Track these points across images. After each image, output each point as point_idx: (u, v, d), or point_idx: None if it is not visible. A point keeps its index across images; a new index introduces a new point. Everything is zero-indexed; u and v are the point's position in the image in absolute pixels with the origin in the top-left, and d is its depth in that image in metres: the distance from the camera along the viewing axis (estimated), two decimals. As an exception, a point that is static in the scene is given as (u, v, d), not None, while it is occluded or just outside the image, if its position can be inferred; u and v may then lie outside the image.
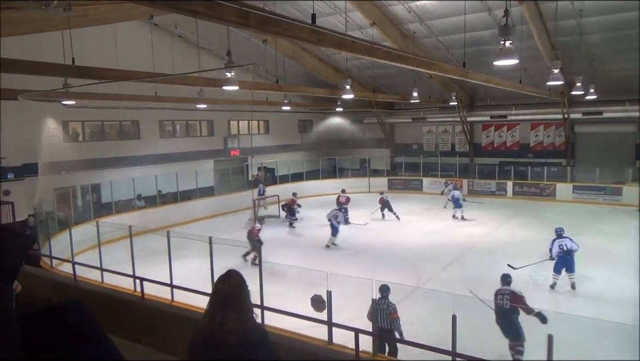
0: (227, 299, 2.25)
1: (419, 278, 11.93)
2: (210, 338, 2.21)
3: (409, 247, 14.96)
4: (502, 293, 7.66)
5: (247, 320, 2.25)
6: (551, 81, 12.95)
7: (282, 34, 6.10)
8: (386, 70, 20.99)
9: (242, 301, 2.28)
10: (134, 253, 9.85)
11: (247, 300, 2.31)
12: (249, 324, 2.25)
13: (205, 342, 2.23)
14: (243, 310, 2.26)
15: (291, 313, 6.80)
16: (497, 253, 14.09)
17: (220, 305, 2.25)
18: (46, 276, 9.64)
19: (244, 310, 2.27)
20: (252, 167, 24.75)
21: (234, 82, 11.93)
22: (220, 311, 2.22)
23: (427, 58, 12.30)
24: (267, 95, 20.09)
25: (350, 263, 13.04)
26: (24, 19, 6.54)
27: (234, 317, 2.20)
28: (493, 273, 12.11)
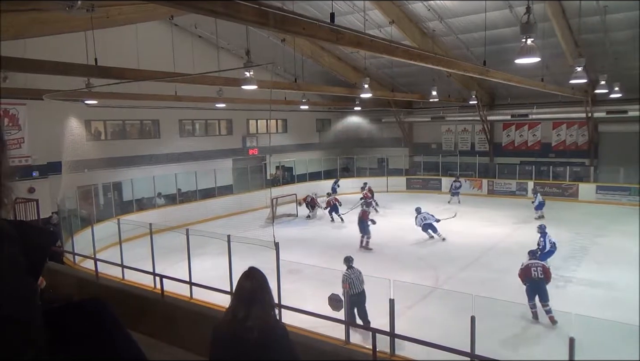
0: (250, 296, 2.29)
1: (437, 279, 11.83)
2: (231, 333, 2.24)
3: (427, 247, 14.84)
4: (535, 266, 9.02)
5: (268, 317, 2.28)
6: (574, 79, 12.71)
7: (301, 33, 6.10)
8: (405, 69, 20.85)
9: (265, 299, 2.32)
10: (154, 250, 10.00)
11: (269, 298, 2.35)
12: (270, 321, 2.28)
13: (226, 338, 2.26)
14: (265, 307, 2.29)
15: (308, 311, 6.81)
16: (518, 254, 13.86)
17: (243, 301, 2.29)
18: (69, 273, 9.83)
19: (266, 307, 2.30)
20: (270, 166, 24.87)
21: (252, 81, 11.99)
22: (243, 307, 2.26)
23: (447, 56, 12.18)
24: (285, 94, 20.14)
25: (368, 262, 12.98)
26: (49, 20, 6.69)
27: (256, 313, 2.23)
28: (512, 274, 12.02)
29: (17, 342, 0.64)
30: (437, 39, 18.18)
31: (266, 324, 2.24)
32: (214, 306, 7.66)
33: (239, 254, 9.88)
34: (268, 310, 2.31)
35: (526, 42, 7.52)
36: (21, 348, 0.65)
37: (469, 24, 16.96)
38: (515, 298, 8.85)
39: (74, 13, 5.19)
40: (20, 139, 15.40)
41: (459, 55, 17.56)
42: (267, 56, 15.95)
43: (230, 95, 18.59)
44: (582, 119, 22.88)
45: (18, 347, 0.64)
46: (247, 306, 2.25)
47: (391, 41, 8.75)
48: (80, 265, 11.42)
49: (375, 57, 18.36)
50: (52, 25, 7.86)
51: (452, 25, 17.44)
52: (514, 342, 8.09)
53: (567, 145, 24.54)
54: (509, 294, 9.48)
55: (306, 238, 16.49)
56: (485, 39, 13.73)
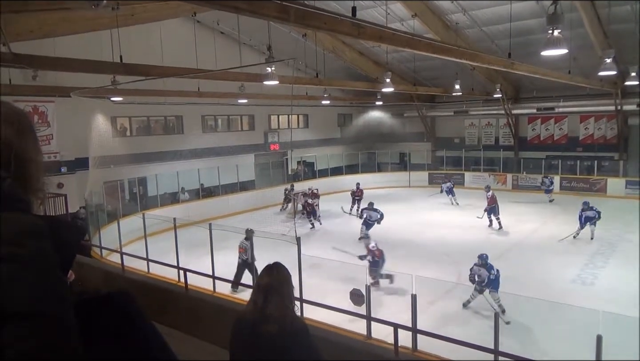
0: (270, 288, 2.32)
1: (460, 274, 11.71)
2: (252, 325, 2.27)
3: (450, 242, 14.70)
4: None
5: (287, 310, 2.31)
6: (603, 71, 12.38)
7: (322, 28, 6.09)
8: (427, 62, 20.61)
9: (285, 293, 2.34)
10: (177, 244, 10.16)
11: (289, 293, 2.37)
12: (289, 314, 2.30)
13: (247, 329, 2.30)
14: (284, 300, 2.32)
15: (330, 306, 6.83)
16: (544, 250, 13.65)
17: (264, 293, 2.32)
18: (96, 266, 10.07)
19: (285, 300, 2.32)
20: (292, 161, 24.93)
21: (274, 77, 12.03)
22: (262, 298, 2.29)
23: (471, 49, 11.98)
24: (306, 89, 20.14)
25: (390, 257, 12.94)
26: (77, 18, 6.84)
27: (275, 305, 2.26)
28: (538, 270, 11.83)
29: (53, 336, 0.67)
30: (460, 32, 17.90)
31: (285, 316, 2.27)
32: (236, 299, 7.76)
33: (261, 249, 9.97)
34: (287, 303, 2.34)
35: (553, 33, 7.34)
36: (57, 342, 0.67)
37: (494, 16, 16.65)
38: (541, 294, 8.70)
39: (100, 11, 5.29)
40: (49, 135, 15.80)
41: (483, 48, 17.25)
42: (289, 51, 15.94)
43: (252, 91, 18.68)
44: (611, 112, 22.24)
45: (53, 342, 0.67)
46: (266, 297, 2.28)
47: (413, 35, 8.67)
48: (107, 258, 11.69)
49: (397, 51, 18.22)
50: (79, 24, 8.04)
51: (476, 17, 17.15)
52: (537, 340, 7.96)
53: (595, 139, 23.89)
54: (535, 291, 9.33)
55: (327, 232, 16.51)
56: (510, 31, 13.46)
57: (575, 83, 16.46)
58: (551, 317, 8.45)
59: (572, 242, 14.31)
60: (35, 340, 0.64)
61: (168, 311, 6.59)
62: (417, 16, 16.34)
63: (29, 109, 14.87)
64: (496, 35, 17.90)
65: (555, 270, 11.78)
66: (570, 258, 12.70)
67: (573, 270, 11.74)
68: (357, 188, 19.95)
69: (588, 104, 22.51)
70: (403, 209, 20.07)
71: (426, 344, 6.12)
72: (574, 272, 11.62)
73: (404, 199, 22.50)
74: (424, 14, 16.72)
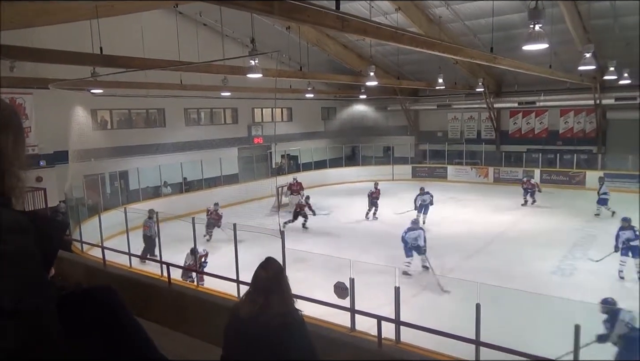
0: (269, 284, 2.31)
1: (442, 267, 11.85)
2: (249, 321, 2.26)
3: (432, 235, 14.81)
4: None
5: (288, 305, 2.31)
6: (583, 66, 12.55)
7: (307, 21, 6.06)
8: (411, 56, 20.67)
9: (284, 287, 2.34)
10: (160, 238, 10.07)
11: (287, 286, 2.37)
12: (289, 308, 2.31)
13: (244, 325, 2.29)
14: (284, 294, 2.32)
15: (314, 299, 6.86)
16: (525, 242, 13.88)
17: (262, 289, 2.31)
18: (77, 261, 9.93)
19: (285, 295, 2.33)
20: (276, 154, 24.85)
21: (257, 69, 11.94)
22: (262, 295, 2.28)
23: (454, 43, 12.06)
24: (290, 82, 20.06)
25: (374, 250, 13.04)
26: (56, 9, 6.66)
27: (276, 301, 2.25)
28: (518, 262, 12.04)
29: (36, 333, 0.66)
30: (443, 26, 17.99)
31: (287, 311, 2.28)
32: (220, 294, 7.74)
33: (245, 243, 9.95)
34: (287, 298, 2.34)
35: (534, 28, 7.42)
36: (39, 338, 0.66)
37: (476, 10, 16.76)
38: (521, 286, 8.86)
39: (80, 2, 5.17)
40: (27, 128, 15.46)
41: (465, 42, 17.39)
42: (272, 44, 15.85)
43: (235, 84, 18.55)
44: (590, 106, 22.65)
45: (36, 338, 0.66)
46: (265, 294, 2.28)
47: (397, 28, 8.68)
48: (88, 253, 11.54)
49: (381, 44, 18.23)
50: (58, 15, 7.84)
51: (459, 11, 17.25)
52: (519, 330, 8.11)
53: (574, 132, 24.33)
54: (515, 282, 9.50)
55: (311, 226, 16.53)
56: (492, 25, 13.57)
57: (556, 77, 16.71)
58: (531, 308, 8.61)
59: (551, 234, 14.57)
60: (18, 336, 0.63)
61: (151, 306, 6.54)
62: (401, 10, 16.37)
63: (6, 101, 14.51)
64: (479, 30, 18.03)
65: (535, 262, 12.00)
66: (550, 250, 12.94)
67: (553, 262, 11.98)
68: (375, 188, 18.11)
69: (568, 98, 22.89)
70: (387, 202, 20.17)
71: (409, 335, 6.19)
72: (553, 263, 11.85)
73: (387, 192, 22.59)
74: (408, 7, 16.76)
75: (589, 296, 8.11)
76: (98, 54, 9.72)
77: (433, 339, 5.89)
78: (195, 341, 5.14)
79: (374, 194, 17.82)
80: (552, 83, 19.83)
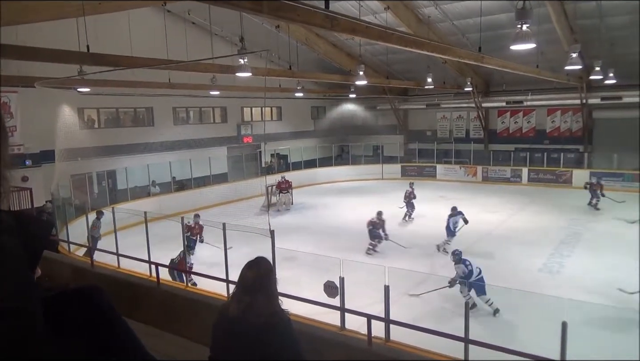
0: (255, 284, 2.30)
1: (432, 265, 11.92)
2: (236, 320, 2.25)
3: (422, 234, 14.92)
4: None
5: (273, 305, 2.30)
6: (569, 66, 12.69)
7: (296, 20, 6.05)
8: (400, 55, 20.75)
9: (270, 287, 2.33)
10: (149, 238, 9.99)
11: (274, 286, 2.36)
12: (275, 309, 2.30)
13: (231, 324, 2.28)
14: (270, 295, 2.31)
15: (304, 298, 6.85)
16: (513, 240, 14.01)
17: (248, 289, 2.30)
18: (64, 261, 9.82)
19: (271, 295, 2.31)
20: (265, 154, 24.81)
21: (247, 68, 11.91)
22: (248, 295, 2.27)
23: (442, 43, 12.13)
24: (280, 81, 20.02)
25: (363, 249, 13.07)
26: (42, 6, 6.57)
27: (261, 301, 2.24)
28: (507, 260, 12.15)
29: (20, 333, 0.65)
30: (432, 26, 18.07)
31: (271, 311, 2.26)
32: (209, 293, 7.70)
33: (234, 243, 9.89)
34: (272, 298, 2.33)
35: (521, 28, 7.48)
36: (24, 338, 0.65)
37: (464, 10, 16.87)
38: (509, 283, 8.94)
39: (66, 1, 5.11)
40: (13, 127, 15.26)
41: (454, 42, 17.50)
42: (262, 43, 15.81)
43: (224, 82, 18.47)
44: (576, 106, 22.92)
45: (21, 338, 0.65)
46: (251, 294, 2.27)
47: (386, 28, 8.70)
48: (75, 254, 11.41)
49: (371, 43, 18.28)
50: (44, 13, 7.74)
51: (447, 11, 17.34)
52: (506, 327, 8.19)
53: (561, 131, 24.61)
54: (503, 280, 9.58)
55: (301, 225, 16.52)
56: (480, 25, 13.68)
57: (543, 77, 16.88)
58: (519, 305, 8.70)
59: (539, 232, 14.72)
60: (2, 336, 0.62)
61: (140, 306, 6.49)
62: (390, 9, 16.42)
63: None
64: (467, 29, 18.15)
65: (523, 260, 12.12)
66: (537, 248, 13.08)
67: (540, 259, 12.10)
68: (411, 187, 17.43)
69: (555, 97, 23.14)
70: (376, 201, 20.21)
71: (399, 334, 6.21)
72: (541, 261, 11.98)
73: (377, 191, 22.70)
74: (397, 7, 16.81)
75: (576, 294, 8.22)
76: (85, 52, 9.61)
77: (422, 337, 5.91)
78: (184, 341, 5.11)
79: (411, 194, 17.18)
80: (540, 83, 20.03)
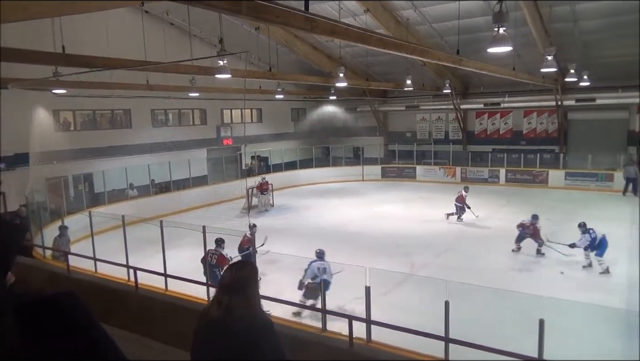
0: (235, 285, 2.28)
1: (412, 265, 12.01)
2: (216, 323, 2.23)
3: (403, 234, 15.02)
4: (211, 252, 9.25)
5: (253, 308, 2.28)
6: (545, 68, 12.97)
7: (275, 22, 6.03)
8: (380, 58, 20.87)
9: (250, 289, 2.31)
10: (127, 242, 9.84)
11: (255, 289, 2.34)
12: (255, 312, 2.28)
13: (211, 327, 2.25)
14: (250, 297, 2.28)
15: (286, 301, 6.85)
16: (491, 239, 14.21)
17: (228, 291, 2.28)
18: (39, 267, 9.60)
19: (251, 298, 2.29)
20: (246, 156, 24.70)
21: (226, 70, 11.83)
22: (228, 297, 2.25)
23: (421, 45, 12.25)
24: (260, 83, 19.96)
25: (344, 250, 13.08)
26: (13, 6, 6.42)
27: (241, 303, 2.22)
28: (484, 259, 12.32)
29: None
30: (411, 28, 18.24)
31: (251, 314, 2.24)
32: (189, 297, 7.61)
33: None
34: (252, 300, 2.31)
35: (498, 31, 7.61)
36: None
37: (443, 13, 17.05)
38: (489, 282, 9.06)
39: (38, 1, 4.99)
40: (-15, 130, 14.87)
41: (432, 44, 17.68)
42: (241, 44, 15.72)
43: (203, 84, 18.32)
44: (552, 107, 23.41)
45: None
46: (231, 295, 2.25)
47: (366, 30, 8.75)
48: (50, 259, 11.15)
49: (350, 45, 18.34)
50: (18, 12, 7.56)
51: (426, 13, 17.52)
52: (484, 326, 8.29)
53: (537, 133, 25.10)
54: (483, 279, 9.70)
55: (282, 227, 16.48)
56: (458, 28, 13.84)
57: (520, 79, 17.18)
58: (497, 304, 8.82)
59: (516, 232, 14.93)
60: None
61: (118, 312, 6.38)
62: (370, 11, 16.52)
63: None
64: (445, 32, 18.36)
65: (500, 258, 12.30)
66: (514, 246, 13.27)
67: (517, 258, 12.30)
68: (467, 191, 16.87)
69: (531, 99, 23.60)
70: (357, 202, 20.34)
71: (380, 334, 6.24)
72: (518, 259, 12.17)
73: (357, 192, 22.80)
74: (376, 9, 16.92)
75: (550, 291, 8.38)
76: (60, 53, 9.44)
77: (404, 337, 5.95)
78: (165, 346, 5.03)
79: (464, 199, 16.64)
80: (516, 85, 20.39)
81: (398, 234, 15.02)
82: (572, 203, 18.75)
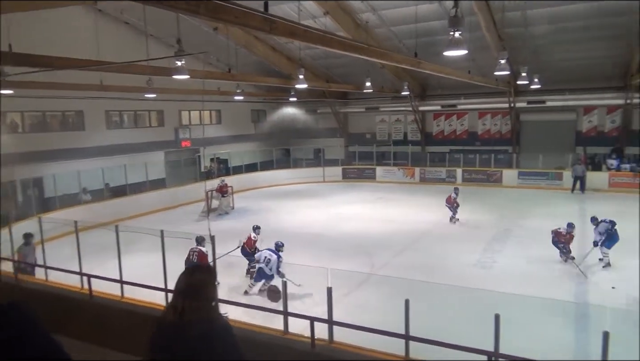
0: (190, 289, 2.24)
1: (372, 265, 12.14)
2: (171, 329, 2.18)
3: (362, 235, 15.17)
4: (192, 250, 9.72)
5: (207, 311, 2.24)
6: (498, 71, 13.42)
7: (234, 22, 5.96)
8: (339, 60, 21.04)
9: (203, 292, 2.27)
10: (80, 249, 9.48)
11: (209, 292, 2.30)
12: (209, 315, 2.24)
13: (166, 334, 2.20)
14: (203, 300, 2.24)
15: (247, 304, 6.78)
16: (448, 238, 14.57)
17: (182, 295, 2.23)
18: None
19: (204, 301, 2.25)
20: (205, 158, 24.31)
21: (184, 71, 11.60)
22: (182, 301, 2.21)
23: (380, 48, 12.42)
24: (219, 84, 19.69)
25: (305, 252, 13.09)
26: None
27: (194, 306, 2.18)
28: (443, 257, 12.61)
29: None
30: (370, 31, 18.47)
31: (204, 318, 2.20)
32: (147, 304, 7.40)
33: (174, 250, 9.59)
34: (207, 304, 2.27)
35: (454, 35, 7.80)
36: None
37: (401, 16, 17.35)
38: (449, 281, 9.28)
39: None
40: None
41: (391, 47, 17.97)
42: (200, 45, 15.48)
43: (161, 85, 17.90)
44: (505, 109, 24.27)
45: None
46: (184, 300, 2.20)
47: (325, 32, 8.78)
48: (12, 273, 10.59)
49: (310, 47, 18.37)
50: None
51: (384, 17, 17.78)
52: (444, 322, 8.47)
53: (492, 133, 25.98)
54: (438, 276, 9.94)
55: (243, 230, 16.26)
56: (416, 32, 14.13)
57: (475, 82, 17.71)
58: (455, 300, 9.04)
59: (472, 230, 15.39)
60: None
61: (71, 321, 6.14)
62: (329, 14, 16.61)
63: None
64: (403, 35, 18.70)
65: (458, 256, 12.61)
66: (471, 244, 13.66)
67: (474, 255, 12.65)
68: (456, 193, 16.80)
69: (485, 101, 24.42)
70: (318, 203, 20.39)
71: (342, 334, 6.27)
72: (474, 257, 12.52)
73: (318, 194, 22.87)
74: (336, 12, 17.02)
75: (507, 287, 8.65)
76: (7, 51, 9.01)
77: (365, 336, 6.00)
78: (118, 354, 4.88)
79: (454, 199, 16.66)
80: (472, 87, 21.01)
81: (359, 235, 15.16)
82: (525, 201, 19.50)
